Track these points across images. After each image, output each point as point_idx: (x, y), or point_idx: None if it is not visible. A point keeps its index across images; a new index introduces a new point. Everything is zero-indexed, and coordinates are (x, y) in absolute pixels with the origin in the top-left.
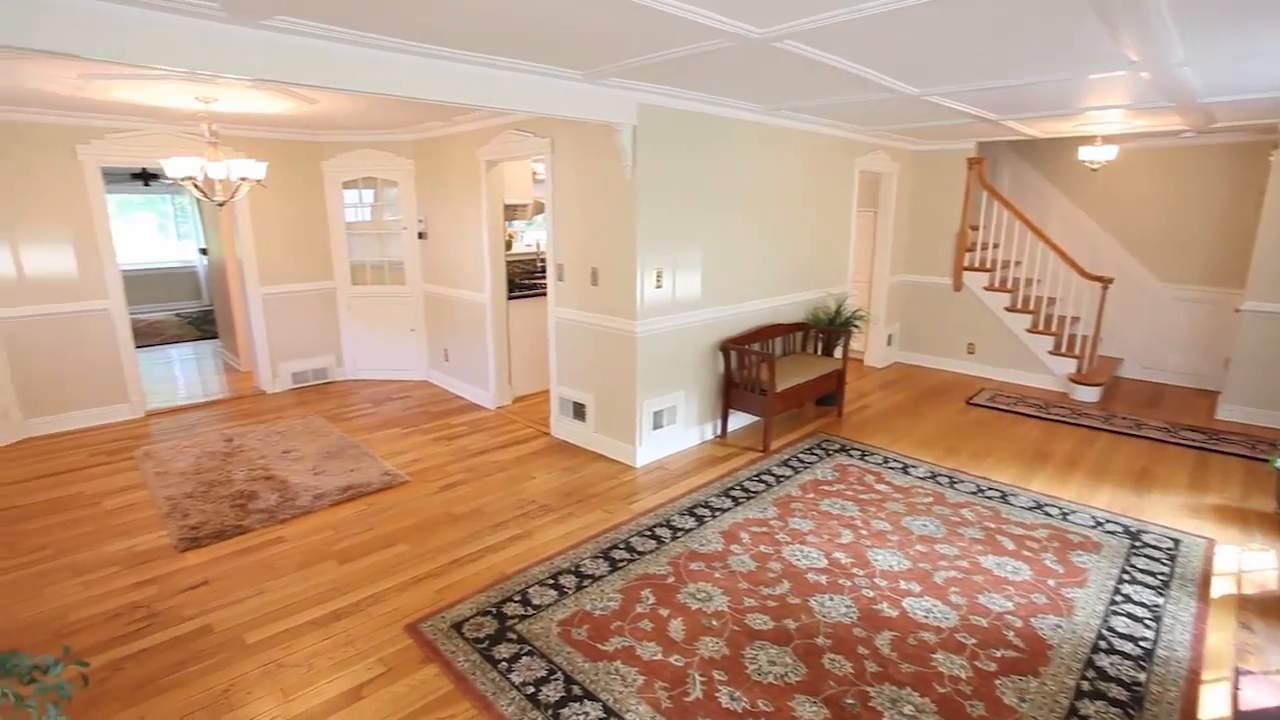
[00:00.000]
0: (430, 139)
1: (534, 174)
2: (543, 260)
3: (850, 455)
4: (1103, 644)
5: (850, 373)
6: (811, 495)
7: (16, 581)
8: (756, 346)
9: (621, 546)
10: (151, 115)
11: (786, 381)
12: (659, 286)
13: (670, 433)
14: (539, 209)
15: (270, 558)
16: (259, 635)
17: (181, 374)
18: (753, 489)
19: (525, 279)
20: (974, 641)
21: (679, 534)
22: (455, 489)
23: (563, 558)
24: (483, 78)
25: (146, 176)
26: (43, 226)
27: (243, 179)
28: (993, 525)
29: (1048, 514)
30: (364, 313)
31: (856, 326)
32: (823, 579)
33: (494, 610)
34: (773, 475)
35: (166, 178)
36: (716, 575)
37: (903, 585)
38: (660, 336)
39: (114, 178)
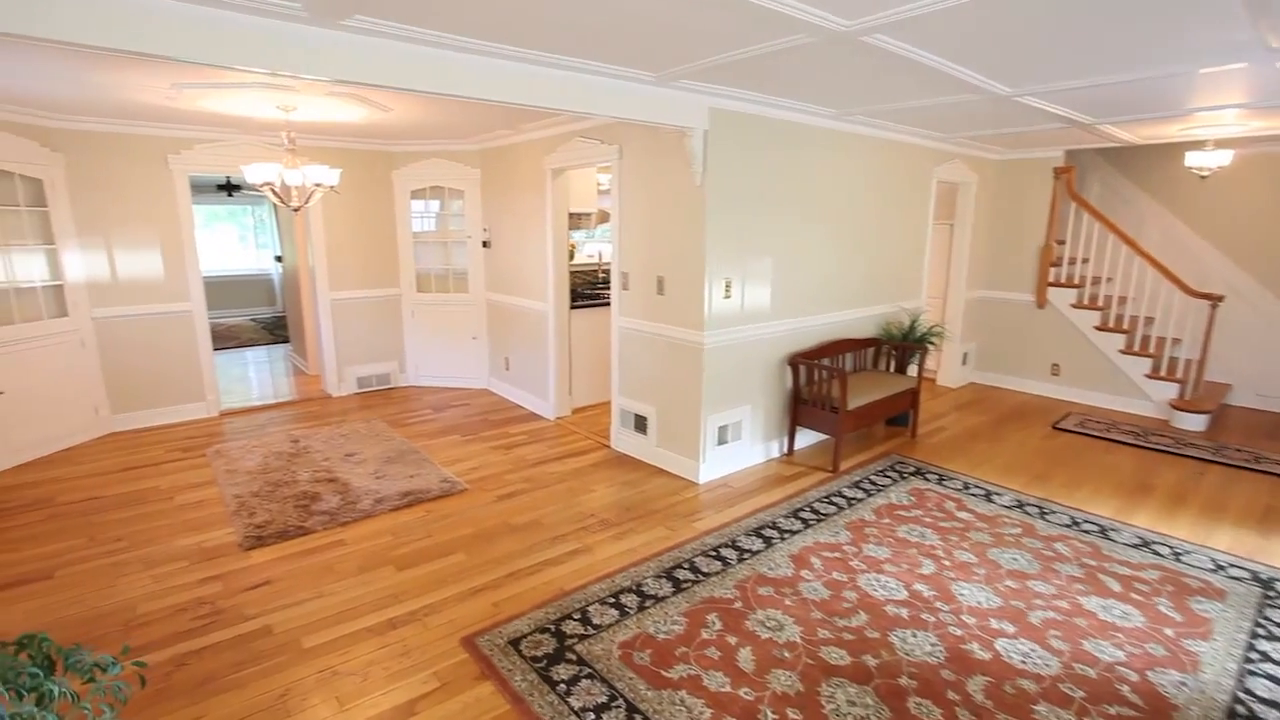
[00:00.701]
0: (496, 148)
1: (598, 185)
2: (604, 271)
3: (926, 479)
4: (1240, 709)
5: (923, 392)
6: (887, 520)
7: (95, 570)
8: (826, 361)
9: (685, 566)
10: (235, 126)
11: (859, 399)
12: (727, 297)
13: (735, 449)
14: (603, 218)
15: (330, 560)
16: (317, 639)
17: (254, 376)
18: (823, 511)
19: (586, 289)
20: (1082, 694)
21: (745, 556)
22: (514, 499)
23: (624, 575)
24: (556, 80)
25: (231, 188)
26: (136, 231)
27: (317, 185)
28: (1093, 562)
29: (1157, 553)
30: (427, 320)
31: (932, 343)
32: (903, 612)
33: (552, 628)
34: (843, 497)
35: (247, 184)
36: (787, 602)
37: (994, 624)
38: (727, 349)
39: (201, 189)
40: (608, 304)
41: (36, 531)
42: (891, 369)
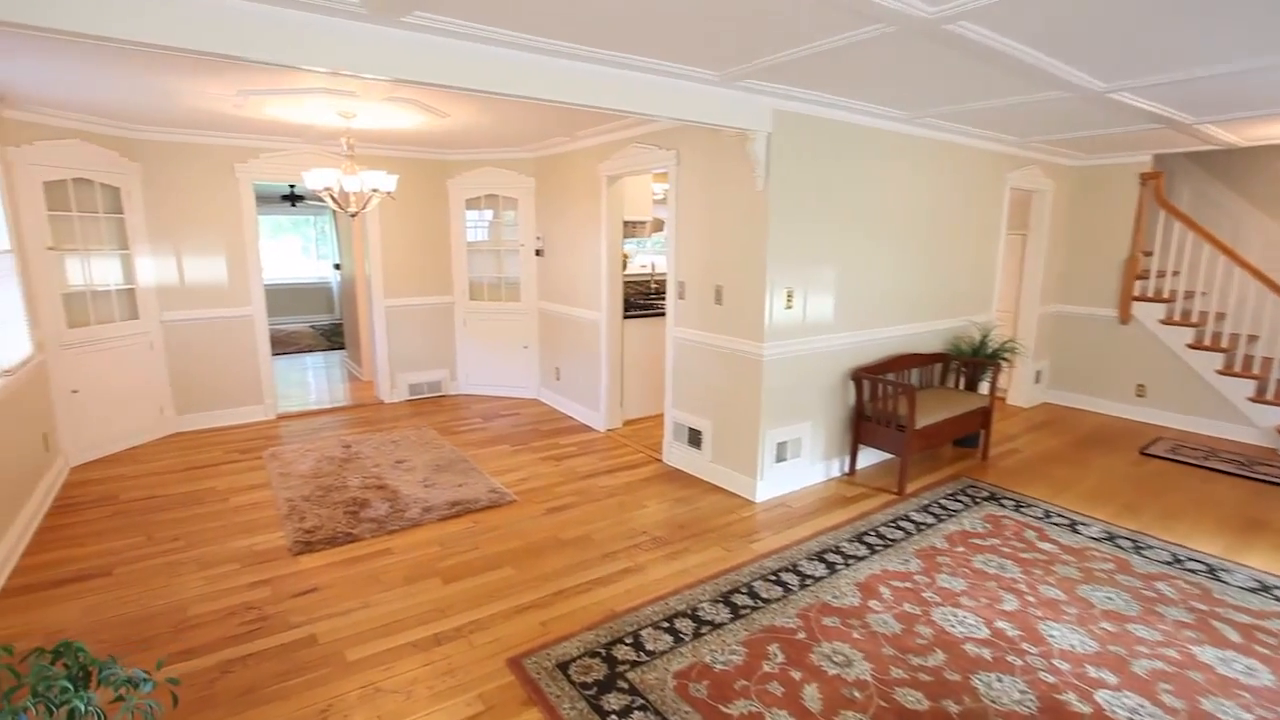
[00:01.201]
0: (551, 156)
1: (654, 195)
2: (657, 281)
3: (1002, 505)
4: None
5: (994, 412)
6: (961, 549)
7: (151, 570)
8: (892, 377)
9: (743, 591)
10: (298, 134)
11: (927, 417)
12: (789, 307)
13: (794, 467)
14: (657, 227)
15: (377, 569)
16: (361, 652)
17: (310, 380)
18: (890, 536)
19: (639, 300)
20: None
21: (808, 582)
22: (563, 512)
23: (678, 598)
24: (617, 80)
25: (294, 198)
26: (203, 238)
27: (374, 190)
28: (1204, 607)
29: None
30: (479, 328)
31: (1006, 359)
32: (986, 653)
33: (603, 652)
34: (911, 522)
35: (309, 193)
36: (855, 635)
37: (1092, 672)
38: (787, 361)
39: (266, 200)
40: (660, 314)
41: (101, 528)
42: (960, 386)
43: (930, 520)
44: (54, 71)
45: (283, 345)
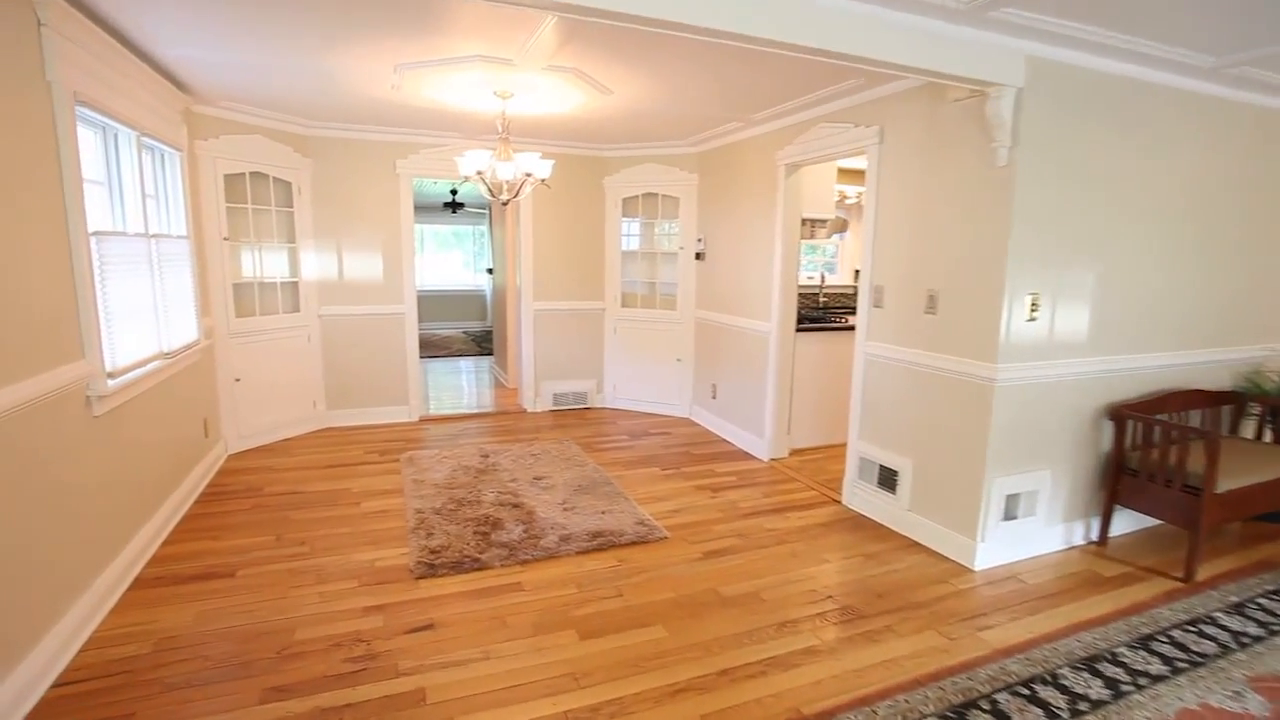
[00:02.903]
0: (718, 148)
1: (843, 196)
2: (826, 294)
3: None
4: None
5: None
6: None
7: (272, 576)
8: (1165, 418)
9: (984, 708)
10: (454, 126)
11: (1236, 479)
12: (1032, 319)
13: (1026, 527)
14: (839, 226)
15: (504, 609)
16: None
17: (456, 385)
18: (1197, 649)
19: (806, 312)
20: None
21: (1082, 708)
22: (723, 558)
23: (888, 705)
24: (824, 12)
25: (455, 205)
26: (362, 234)
27: (528, 175)
28: None
29: None
30: (629, 337)
31: None
32: None
33: None
34: (1223, 629)
35: (463, 182)
36: None
37: None
38: (1027, 389)
39: (426, 209)
40: (835, 328)
41: (239, 521)
42: (1260, 436)
43: (1254, 630)
44: (227, 52)
45: (435, 348)
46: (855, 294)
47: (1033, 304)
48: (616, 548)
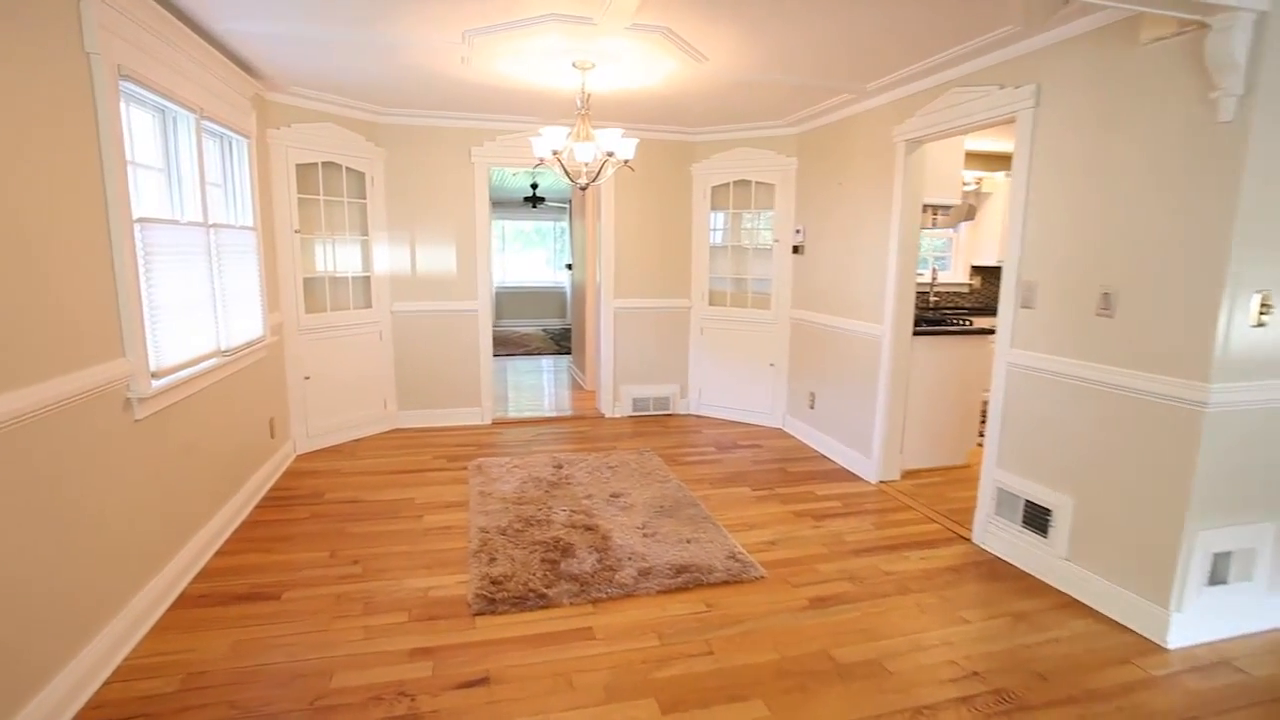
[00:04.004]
0: (822, 127)
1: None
2: (937, 294)
3: None
4: None
5: None
6: None
7: (318, 602)
8: None
9: None
10: (531, 110)
11: None
12: (1260, 324)
13: (1240, 596)
14: (965, 214)
15: (570, 663)
16: None
17: (532, 385)
18: None
19: (919, 312)
20: None
21: None
22: (834, 609)
23: None
24: None
25: (535, 200)
26: (436, 226)
27: (609, 155)
28: None
29: None
30: (717, 339)
31: None
32: None
33: None
34: None
35: (534, 157)
36: None
37: None
38: (1251, 416)
39: (506, 205)
40: (957, 331)
41: (295, 531)
42: None
43: None
44: (283, 22)
45: (513, 346)
46: (970, 292)
47: (1263, 305)
48: (705, 587)
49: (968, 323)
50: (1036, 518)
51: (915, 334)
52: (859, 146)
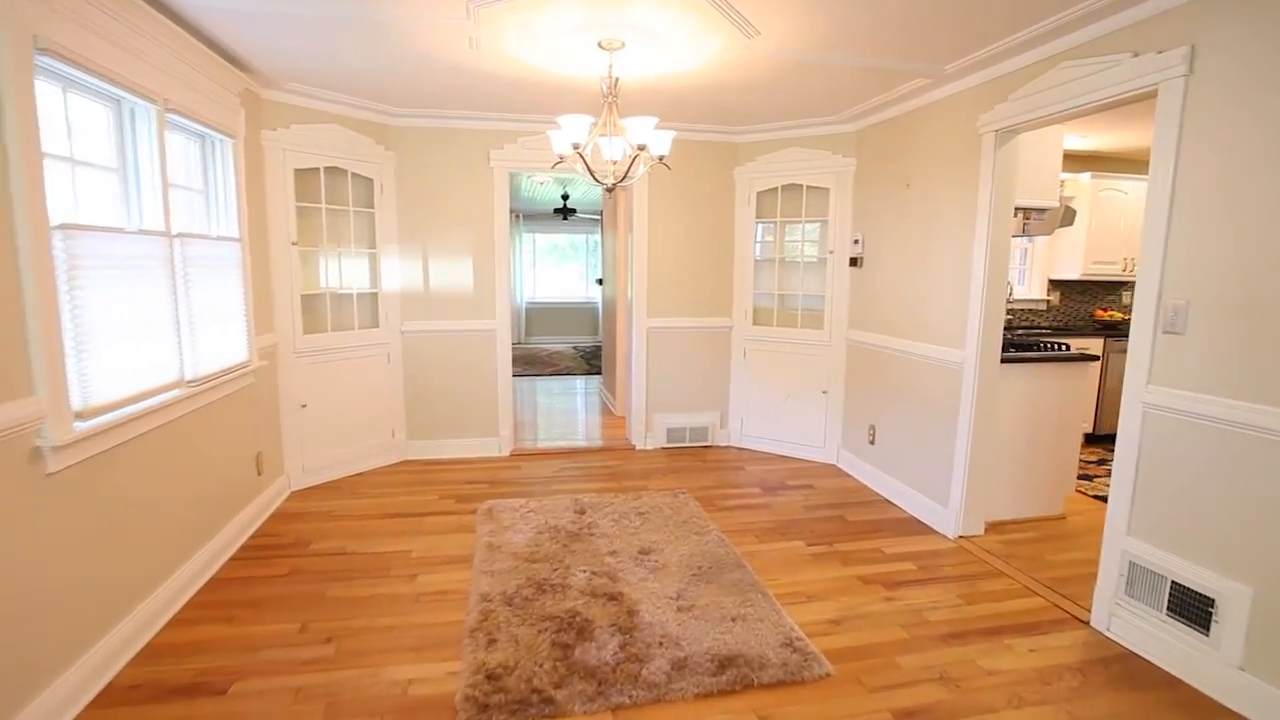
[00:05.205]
0: (887, 121)
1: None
2: (1011, 311)
3: None
4: None
5: None
6: None
7: (273, 702)
8: None
9: None
10: (554, 106)
11: None
12: None
13: None
14: (1065, 218)
15: None
16: None
17: (558, 410)
18: None
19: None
20: None
21: None
22: None
23: None
24: None
25: (566, 211)
26: (451, 238)
27: (640, 149)
28: None
29: None
30: (762, 362)
31: None
32: None
33: None
34: None
35: (554, 154)
36: None
37: None
38: None
39: (536, 218)
40: (1048, 358)
41: (268, 593)
42: None
43: None
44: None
45: (541, 365)
46: (1048, 309)
47: None
48: (755, 689)
49: (1064, 346)
50: (1191, 607)
51: (1002, 360)
52: (933, 141)
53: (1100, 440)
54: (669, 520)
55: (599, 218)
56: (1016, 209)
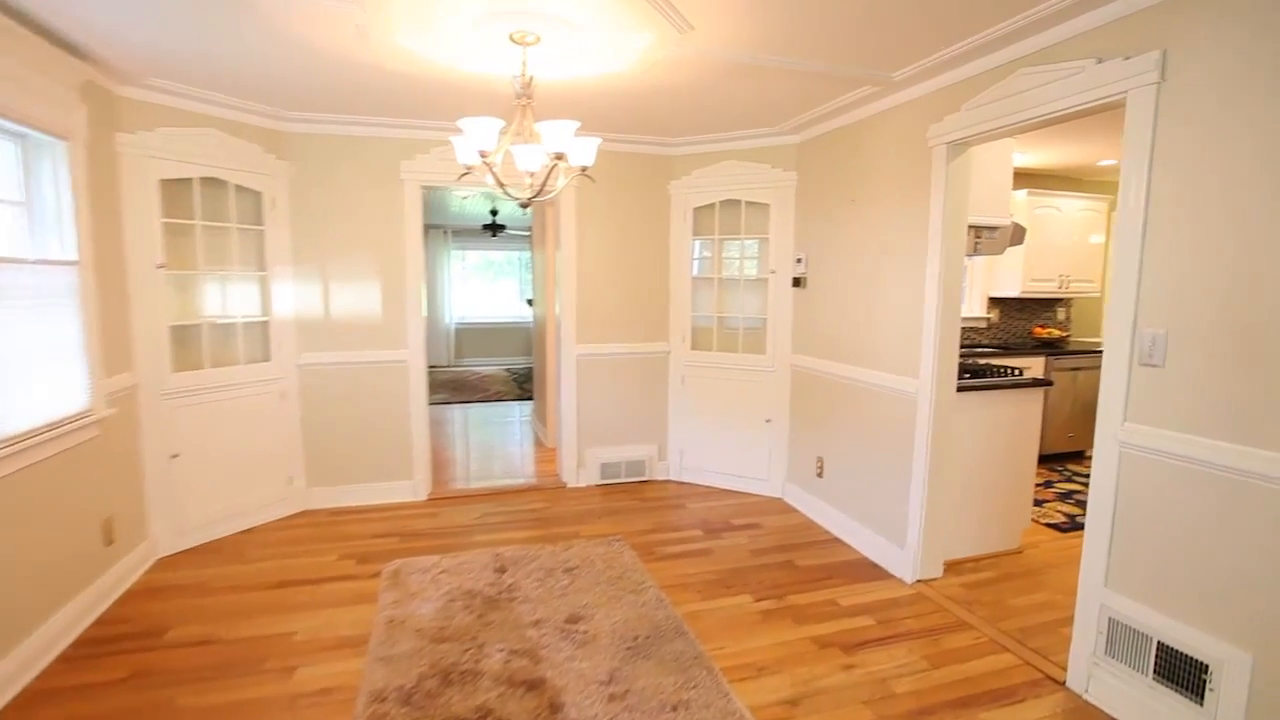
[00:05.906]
0: (831, 133)
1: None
2: (965, 332)
3: None
4: None
5: None
6: None
7: None
8: None
9: None
10: (469, 111)
11: None
12: None
13: None
14: (1015, 236)
15: None
16: None
17: (484, 444)
18: None
19: None
20: None
21: None
22: None
23: None
24: None
25: (495, 228)
26: (356, 260)
27: (558, 158)
28: None
29: None
30: (702, 389)
31: None
32: None
33: None
34: None
35: (461, 165)
36: None
37: None
38: None
39: (464, 233)
40: (1003, 385)
41: (95, 711)
42: None
43: None
44: None
45: (470, 391)
46: (989, 327)
47: None
48: None
49: (1017, 371)
50: (1183, 672)
51: (958, 389)
52: (881, 155)
53: (1044, 460)
54: (601, 576)
55: (529, 234)
56: (969, 227)
